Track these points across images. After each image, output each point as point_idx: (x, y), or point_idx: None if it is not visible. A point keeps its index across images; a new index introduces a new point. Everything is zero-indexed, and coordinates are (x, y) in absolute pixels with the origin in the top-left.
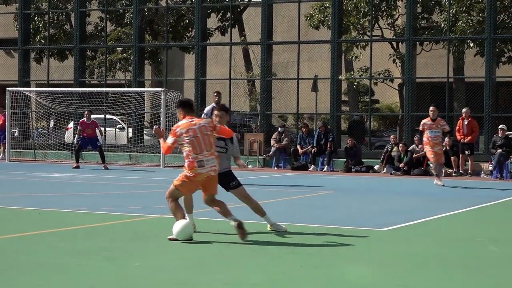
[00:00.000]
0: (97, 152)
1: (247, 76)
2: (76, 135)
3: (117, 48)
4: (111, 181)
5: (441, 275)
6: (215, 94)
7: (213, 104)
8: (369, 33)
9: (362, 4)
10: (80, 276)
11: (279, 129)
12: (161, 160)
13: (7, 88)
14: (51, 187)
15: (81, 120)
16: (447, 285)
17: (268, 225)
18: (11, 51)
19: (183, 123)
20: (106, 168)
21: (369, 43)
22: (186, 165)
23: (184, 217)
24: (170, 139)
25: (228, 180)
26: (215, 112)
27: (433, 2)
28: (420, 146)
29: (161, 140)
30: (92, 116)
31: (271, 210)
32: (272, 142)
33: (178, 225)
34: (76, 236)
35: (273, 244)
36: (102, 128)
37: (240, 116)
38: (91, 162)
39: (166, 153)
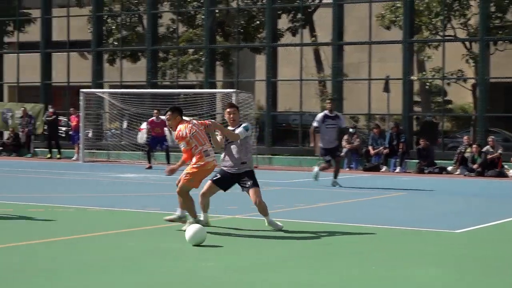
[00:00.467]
0: (164, 152)
1: (318, 77)
2: (145, 135)
3: (189, 50)
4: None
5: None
6: (328, 101)
7: (326, 112)
8: (441, 33)
9: (434, 4)
10: (150, 276)
11: (351, 130)
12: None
13: (81, 90)
14: (124, 188)
15: (150, 119)
16: None
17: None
18: (85, 53)
19: (183, 125)
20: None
21: (441, 43)
22: (194, 160)
23: (194, 213)
24: (183, 145)
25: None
26: (227, 109)
27: (507, 1)
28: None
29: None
30: (163, 117)
31: (342, 211)
32: (344, 143)
33: (191, 230)
34: (148, 236)
35: (345, 245)
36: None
37: (311, 117)
38: (163, 163)
39: (187, 160)
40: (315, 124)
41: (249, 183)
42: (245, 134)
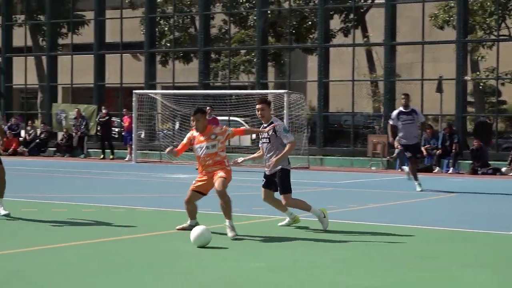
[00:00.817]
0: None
1: (370, 77)
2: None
3: (241, 51)
4: (233, 182)
5: None
6: (402, 96)
7: (401, 108)
8: (495, 33)
9: (488, 3)
10: (193, 275)
11: None
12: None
13: (134, 91)
14: (175, 188)
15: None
16: None
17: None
18: (138, 54)
19: (214, 126)
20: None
21: (495, 42)
22: (226, 161)
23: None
24: (214, 146)
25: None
26: (258, 106)
27: None
28: None
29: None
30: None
31: (394, 213)
32: (396, 143)
33: (196, 231)
34: None
35: (393, 247)
36: None
37: (363, 117)
38: None
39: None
40: (391, 122)
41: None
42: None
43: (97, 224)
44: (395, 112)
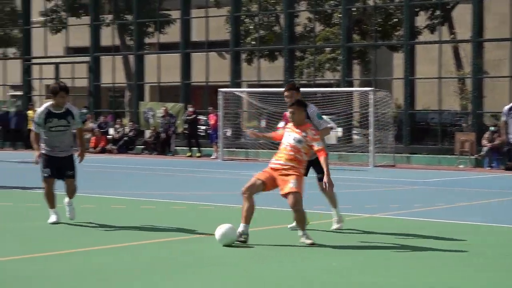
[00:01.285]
0: None
1: (457, 74)
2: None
3: (326, 48)
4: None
5: None
6: None
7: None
8: None
9: None
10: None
11: (492, 128)
12: (370, 159)
13: (219, 89)
14: None
15: (285, 113)
16: None
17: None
18: (223, 52)
19: (312, 128)
20: None
21: None
22: (302, 167)
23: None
24: (304, 144)
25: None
26: (285, 93)
27: None
28: None
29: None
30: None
31: (482, 212)
32: (484, 141)
33: (222, 229)
34: (279, 234)
35: (485, 246)
36: None
37: (450, 115)
38: None
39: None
40: (503, 118)
41: None
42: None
43: (185, 221)
44: (505, 108)
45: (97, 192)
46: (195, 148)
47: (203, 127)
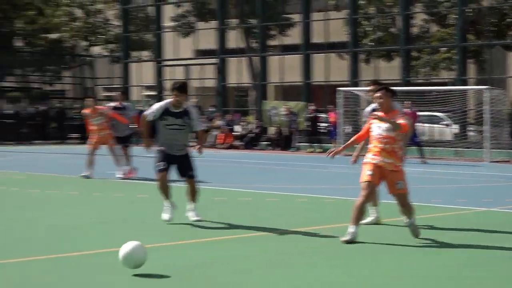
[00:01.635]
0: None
1: None
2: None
3: (441, 48)
4: (437, 175)
5: None
6: None
7: None
8: None
9: None
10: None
11: None
12: (486, 155)
13: (337, 88)
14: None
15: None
16: None
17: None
18: (342, 53)
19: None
20: (425, 162)
21: None
22: (402, 162)
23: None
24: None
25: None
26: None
27: None
28: None
29: None
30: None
31: None
32: None
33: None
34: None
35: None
36: (426, 124)
37: None
38: (414, 157)
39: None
40: None
41: None
42: None
43: (308, 212)
44: None
45: (227, 185)
46: (316, 144)
47: (324, 125)
